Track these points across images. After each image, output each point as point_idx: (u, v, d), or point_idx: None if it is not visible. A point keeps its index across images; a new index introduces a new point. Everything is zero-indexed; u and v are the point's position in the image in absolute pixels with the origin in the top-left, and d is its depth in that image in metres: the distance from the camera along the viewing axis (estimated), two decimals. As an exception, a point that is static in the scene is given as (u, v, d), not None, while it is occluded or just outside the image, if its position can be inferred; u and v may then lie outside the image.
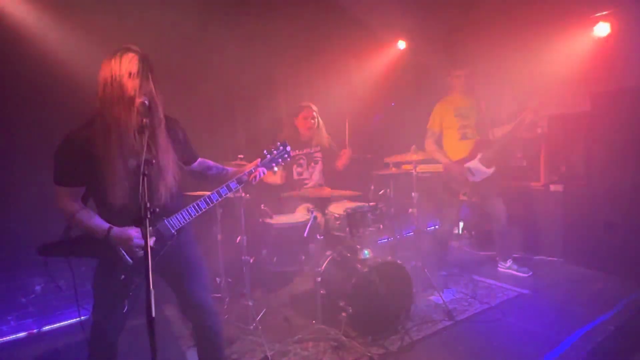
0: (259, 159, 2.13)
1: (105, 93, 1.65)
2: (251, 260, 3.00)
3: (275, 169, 2.19)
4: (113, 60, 1.65)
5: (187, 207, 1.89)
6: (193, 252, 2.03)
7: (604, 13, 4.09)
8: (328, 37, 4.61)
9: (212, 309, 2.02)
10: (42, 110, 3.03)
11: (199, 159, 2.12)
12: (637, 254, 3.52)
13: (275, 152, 2.17)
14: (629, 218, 3.58)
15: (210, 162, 2.17)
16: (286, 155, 2.20)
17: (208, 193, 1.96)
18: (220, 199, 1.96)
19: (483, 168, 3.80)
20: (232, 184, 2.00)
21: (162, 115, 1.77)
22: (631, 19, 3.94)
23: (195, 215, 1.90)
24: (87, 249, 1.76)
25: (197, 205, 1.90)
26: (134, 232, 1.73)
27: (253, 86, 4.20)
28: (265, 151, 2.16)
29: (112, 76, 1.64)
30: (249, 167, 2.09)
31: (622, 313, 3.01)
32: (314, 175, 3.70)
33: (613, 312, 3.01)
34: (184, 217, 1.87)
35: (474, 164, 3.80)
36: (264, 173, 2.10)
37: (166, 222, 1.83)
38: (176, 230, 1.86)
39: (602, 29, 4.11)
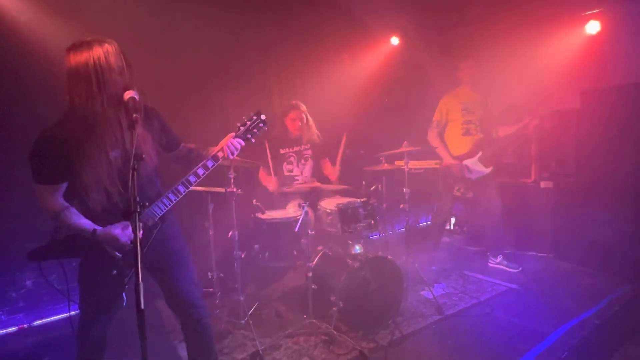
0: (233, 133, 2.06)
1: (89, 87, 1.61)
2: (243, 255, 3.01)
3: (253, 140, 2.11)
4: (92, 53, 1.62)
5: (167, 193, 1.86)
6: (179, 245, 2.01)
7: (595, 11, 4.13)
8: (321, 32, 4.61)
9: (200, 302, 2.01)
10: (28, 106, 2.99)
11: (182, 144, 2.09)
12: (623, 251, 3.57)
13: (248, 122, 2.10)
14: (617, 215, 3.63)
15: (192, 145, 2.13)
16: (262, 125, 2.12)
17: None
18: (198, 180, 1.92)
19: (481, 167, 3.83)
20: (209, 162, 1.94)
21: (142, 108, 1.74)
22: (621, 17, 3.98)
23: (175, 200, 1.87)
24: (76, 249, 1.73)
25: (176, 189, 1.87)
26: (118, 232, 1.71)
27: (246, 80, 4.20)
28: (238, 123, 2.09)
29: (95, 70, 1.61)
30: (223, 142, 2.02)
31: (608, 308, 3.06)
32: (305, 171, 3.71)
33: (599, 307, 3.06)
34: (164, 204, 1.84)
35: (473, 162, 3.82)
36: (240, 145, 2.04)
37: (148, 211, 1.80)
38: (159, 218, 1.83)
39: (593, 27, 4.15)
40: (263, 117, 2.12)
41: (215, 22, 3.72)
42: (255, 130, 2.11)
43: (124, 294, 1.78)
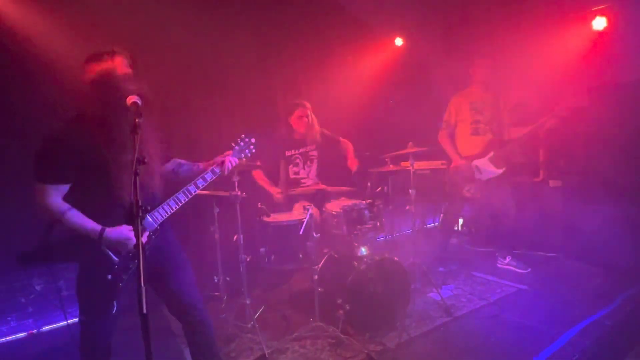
0: (230, 151, 2.27)
1: (99, 94, 1.72)
2: (248, 259, 3.00)
3: (244, 159, 2.35)
4: (104, 63, 1.75)
5: (167, 201, 1.96)
6: (175, 249, 2.07)
7: (602, 7, 4.08)
8: (325, 34, 4.61)
9: (200, 304, 2.05)
10: (30, 109, 3.02)
11: (172, 159, 2.20)
12: (634, 250, 3.51)
13: (242, 143, 2.32)
14: (627, 213, 3.57)
15: (182, 160, 2.24)
16: (252, 147, 2.34)
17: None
18: (198, 190, 2.05)
19: (492, 167, 3.76)
20: (208, 175, 2.10)
21: (150, 113, 1.80)
22: (628, 13, 3.92)
23: (175, 207, 1.98)
24: (69, 253, 1.75)
25: (177, 197, 1.98)
26: (131, 233, 1.74)
27: (250, 81, 4.21)
28: (233, 143, 2.30)
29: (105, 78, 1.74)
30: (220, 158, 2.19)
31: (620, 308, 3.00)
32: (311, 174, 3.69)
33: (610, 308, 3.00)
34: (165, 211, 1.96)
35: (484, 162, 3.77)
36: (234, 163, 2.23)
37: (149, 217, 1.88)
38: (159, 224, 1.92)
39: (600, 23, 4.09)
40: (254, 140, 2.35)
41: (217, 24, 3.73)
42: (247, 151, 2.34)
43: (114, 301, 1.79)
